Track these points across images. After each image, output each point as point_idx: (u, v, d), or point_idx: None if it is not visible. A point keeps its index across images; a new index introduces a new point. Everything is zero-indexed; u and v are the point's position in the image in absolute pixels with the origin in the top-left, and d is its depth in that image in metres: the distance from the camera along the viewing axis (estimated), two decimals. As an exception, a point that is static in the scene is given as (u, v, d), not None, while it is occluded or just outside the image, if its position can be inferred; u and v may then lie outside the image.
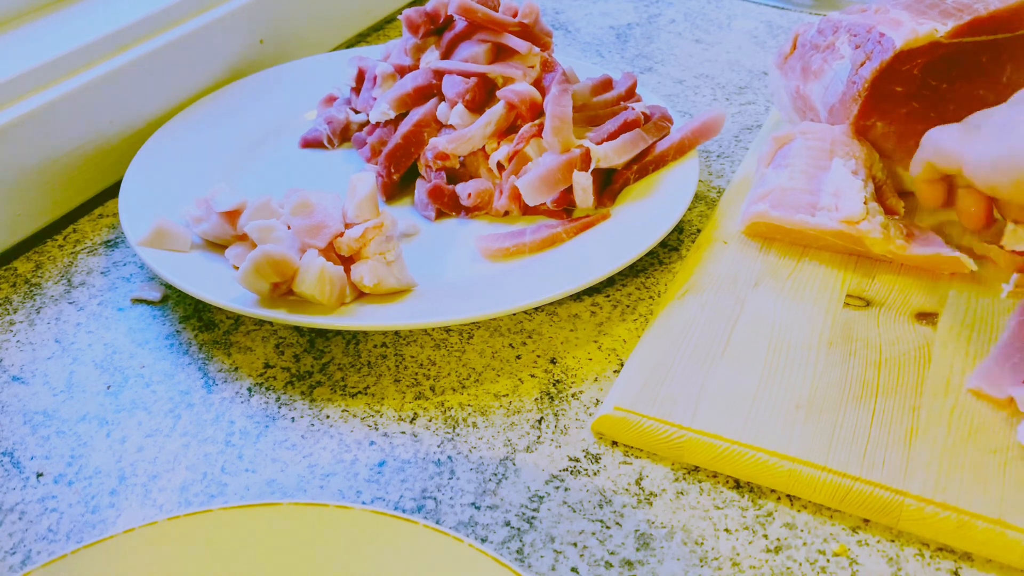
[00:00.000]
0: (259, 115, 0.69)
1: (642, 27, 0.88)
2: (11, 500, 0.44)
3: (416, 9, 0.66)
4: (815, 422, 0.44)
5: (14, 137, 0.57)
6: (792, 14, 0.90)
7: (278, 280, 0.49)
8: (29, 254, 0.60)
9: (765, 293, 0.52)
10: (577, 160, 0.57)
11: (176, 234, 0.54)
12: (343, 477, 0.45)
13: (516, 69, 0.62)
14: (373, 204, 0.53)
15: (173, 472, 0.45)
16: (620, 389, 0.47)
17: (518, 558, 0.41)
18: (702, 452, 0.44)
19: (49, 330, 0.54)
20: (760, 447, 0.43)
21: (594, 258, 0.53)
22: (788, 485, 0.43)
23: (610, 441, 0.46)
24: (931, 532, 0.41)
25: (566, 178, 0.57)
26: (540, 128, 0.59)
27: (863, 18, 0.57)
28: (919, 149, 0.50)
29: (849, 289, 0.53)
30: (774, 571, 0.40)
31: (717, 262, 0.55)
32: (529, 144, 0.59)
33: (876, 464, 0.42)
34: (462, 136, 0.60)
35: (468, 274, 0.55)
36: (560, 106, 0.59)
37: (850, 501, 0.42)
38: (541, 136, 0.59)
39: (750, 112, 0.73)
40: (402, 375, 0.50)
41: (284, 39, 0.77)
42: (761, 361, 0.48)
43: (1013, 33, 0.55)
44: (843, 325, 0.50)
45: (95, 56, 0.63)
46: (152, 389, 0.50)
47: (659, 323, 0.51)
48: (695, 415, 0.45)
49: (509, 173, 0.59)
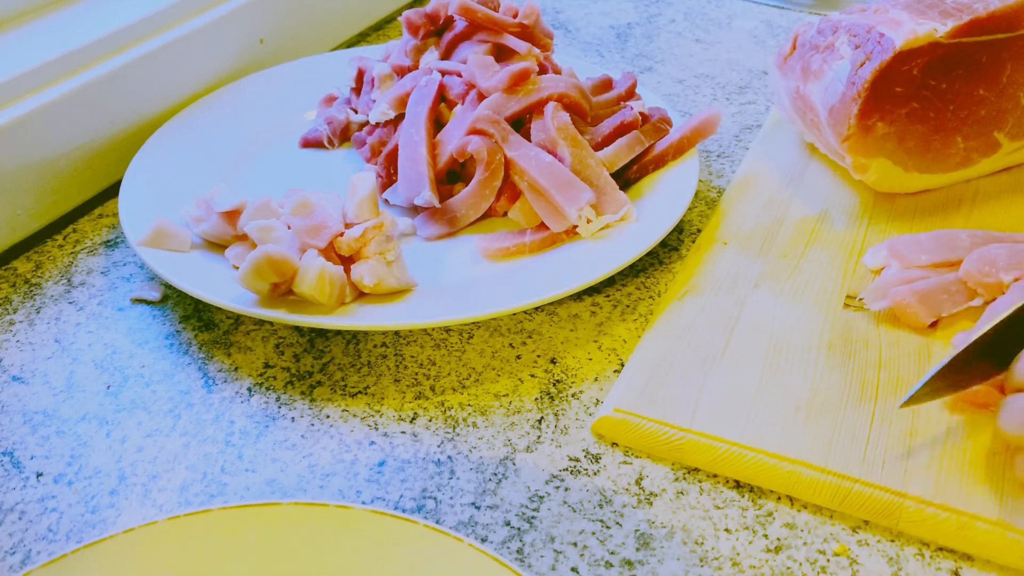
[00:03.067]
0: (259, 115, 0.69)
1: (642, 27, 0.88)
2: (11, 500, 0.44)
3: (416, 10, 0.66)
4: (815, 423, 0.44)
5: (14, 137, 0.57)
6: (792, 14, 0.90)
7: (278, 280, 0.49)
8: (29, 254, 0.60)
9: (765, 294, 0.52)
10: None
11: (176, 234, 0.54)
12: (343, 477, 0.45)
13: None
14: (373, 204, 0.53)
15: (173, 472, 0.45)
16: (620, 390, 0.47)
17: (518, 558, 0.41)
18: (702, 454, 0.44)
19: (49, 330, 0.54)
20: (760, 449, 0.43)
21: (594, 258, 0.53)
22: (788, 487, 0.43)
23: (610, 441, 0.46)
24: (931, 534, 0.41)
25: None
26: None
27: (863, 18, 0.57)
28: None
29: (848, 290, 0.53)
30: (774, 571, 0.40)
31: (717, 263, 0.55)
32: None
33: (876, 466, 0.42)
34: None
35: (468, 274, 0.55)
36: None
37: (850, 503, 0.42)
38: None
39: (750, 112, 0.73)
40: (402, 375, 0.50)
41: (284, 39, 0.77)
42: (761, 362, 0.48)
43: (1013, 33, 0.55)
44: (843, 327, 0.50)
45: (95, 56, 0.63)
46: (152, 389, 0.50)
47: (659, 324, 0.51)
48: (695, 417, 0.45)
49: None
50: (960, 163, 0.59)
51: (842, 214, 0.59)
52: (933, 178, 0.59)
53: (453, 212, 0.58)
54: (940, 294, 0.49)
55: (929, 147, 0.57)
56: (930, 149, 0.58)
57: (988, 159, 0.59)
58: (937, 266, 0.51)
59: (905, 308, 0.49)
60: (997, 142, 0.59)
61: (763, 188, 0.62)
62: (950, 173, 0.59)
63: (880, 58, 0.54)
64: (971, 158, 0.59)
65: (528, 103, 0.59)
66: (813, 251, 0.56)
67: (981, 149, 0.59)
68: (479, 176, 0.57)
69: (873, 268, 0.54)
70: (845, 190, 0.61)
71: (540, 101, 0.59)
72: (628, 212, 0.56)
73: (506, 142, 0.58)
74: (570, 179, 0.56)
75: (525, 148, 0.57)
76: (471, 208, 0.58)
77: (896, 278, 0.51)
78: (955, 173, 0.60)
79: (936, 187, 0.60)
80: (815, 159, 0.64)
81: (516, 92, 0.59)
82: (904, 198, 0.60)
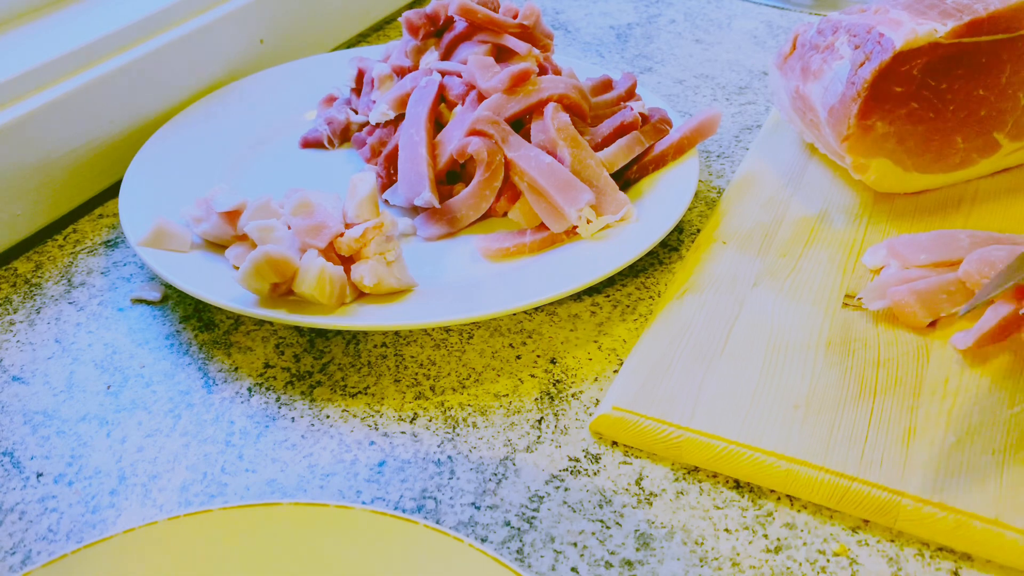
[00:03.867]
0: (259, 115, 0.69)
1: (642, 27, 0.88)
2: (11, 500, 0.44)
3: (416, 11, 0.66)
4: (813, 422, 0.44)
5: (14, 137, 0.57)
6: (792, 14, 0.90)
7: (278, 280, 0.49)
8: (29, 254, 0.60)
9: (764, 293, 0.53)
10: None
11: (176, 234, 0.54)
12: (343, 477, 0.45)
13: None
14: (373, 204, 0.53)
15: (173, 472, 0.45)
16: (618, 389, 0.47)
17: (518, 558, 0.41)
18: (700, 452, 0.44)
19: (49, 330, 0.54)
20: (758, 447, 0.43)
21: (594, 258, 0.53)
22: (786, 485, 0.43)
23: (610, 441, 0.46)
24: (929, 532, 0.41)
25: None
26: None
27: (862, 18, 0.57)
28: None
29: (847, 289, 0.53)
30: (774, 571, 0.40)
31: (716, 262, 0.55)
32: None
33: (874, 464, 0.42)
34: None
35: (468, 274, 0.55)
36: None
37: (848, 501, 0.42)
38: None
39: (750, 112, 0.73)
40: (402, 375, 0.50)
41: (284, 39, 0.77)
42: (760, 361, 0.48)
43: (1013, 34, 0.55)
44: (841, 325, 0.50)
45: (95, 56, 0.63)
46: (152, 389, 0.50)
47: (658, 323, 0.51)
48: (693, 415, 0.45)
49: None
50: (960, 163, 0.59)
51: (841, 214, 0.59)
52: (933, 178, 0.59)
53: (453, 212, 0.58)
54: (939, 294, 0.49)
55: (929, 147, 0.58)
56: (930, 149, 0.58)
57: (988, 159, 0.59)
58: (937, 266, 0.51)
59: (904, 307, 0.49)
60: (997, 143, 0.59)
61: (763, 188, 0.62)
62: (950, 173, 0.59)
63: (880, 58, 0.54)
64: (971, 158, 0.59)
65: (528, 104, 0.59)
66: (812, 250, 0.56)
67: (981, 149, 0.59)
68: (479, 177, 0.57)
69: (872, 268, 0.54)
70: (844, 190, 0.61)
71: (540, 102, 0.59)
72: (628, 212, 0.56)
73: (506, 143, 0.58)
74: (570, 180, 0.56)
75: (525, 149, 0.57)
76: (471, 209, 0.58)
77: (895, 278, 0.51)
78: (955, 173, 0.60)
79: (936, 187, 0.60)
80: (815, 159, 0.64)
81: (516, 93, 0.59)
82: (903, 198, 0.60)
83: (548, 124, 0.58)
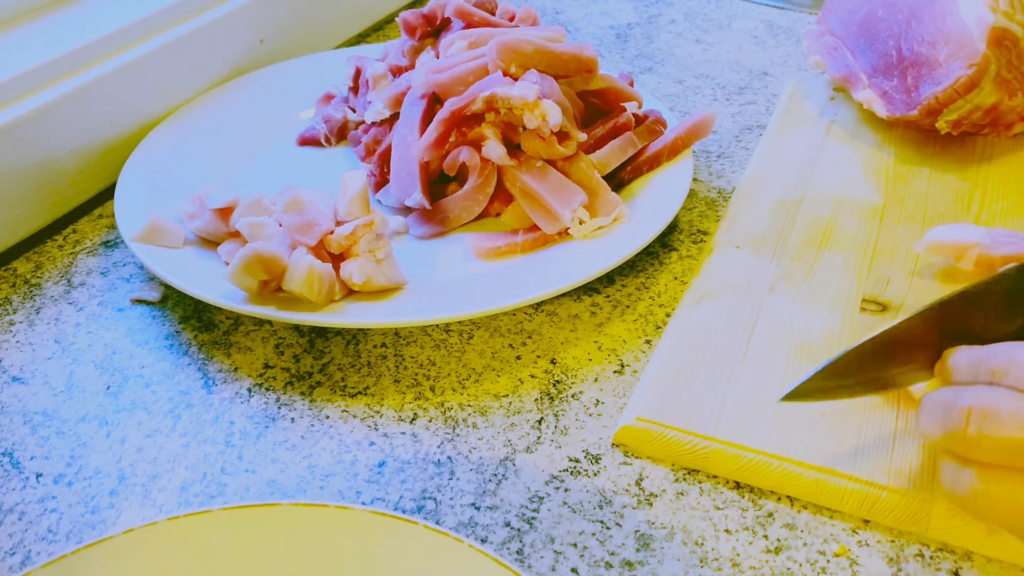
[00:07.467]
0: (256, 113, 0.69)
1: (642, 27, 0.88)
2: (11, 500, 0.44)
3: (413, 12, 0.66)
4: (840, 429, 0.44)
5: (14, 137, 0.57)
6: (792, 14, 0.90)
7: (267, 278, 0.49)
8: (29, 254, 0.60)
9: (781, 298, 0.52)
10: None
11: (169, 230, 0.54)
12: (343, 477, 0.45)
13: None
14: (364, 202, 0.53)
15: (173, 472, 0.45)
16: (641, 398, 0.46)
17: (518, 559, 0.41)
18: (728, 463, 0.43)
19: (49, 330, 0.54)
20: (786, 457, 0.43)
21: (587, 257, 0.53)
22: (815, 495, 0.42)
23: (610, 442, 0.46)
24: (961, 540, 0.40)
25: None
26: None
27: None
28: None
29: (865, 294, 0.52)
30: (774, 572, 0.40)
31: (730, 267, 0.55)
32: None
33: (903, 472, 0.42)
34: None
35: (462, 273, 0.55)
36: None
37: (879, 511, 0.41)
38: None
39: (750, 112, 0.73)
40: (402, 375, 0.50)
41: (284, 39, 0.77)
42: (782, 367, 0.47)
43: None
44: (860, 330, 0.49)
45: (95, 56, 0.63)
46: (152, 389, 0.50)
47: (675, 330, 0.50)
48: (719, 424, 0.44)
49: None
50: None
51: (853, 216, 0.58)
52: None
53: (446, 212, 0.58)
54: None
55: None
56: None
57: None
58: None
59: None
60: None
61: (771, 190, 0.61)
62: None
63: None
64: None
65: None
66: (826, 253, 0.55)
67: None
68: (472, 183, 0.57)
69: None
70: (855, 191, 0.61)
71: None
72: (621, 214, 0.56)
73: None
74: (562, 182, 0.56)
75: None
76: (464, 211, 0.58)
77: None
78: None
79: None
80: (823, 160, 0.64)
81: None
82: (915, 199, 0.60)
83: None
